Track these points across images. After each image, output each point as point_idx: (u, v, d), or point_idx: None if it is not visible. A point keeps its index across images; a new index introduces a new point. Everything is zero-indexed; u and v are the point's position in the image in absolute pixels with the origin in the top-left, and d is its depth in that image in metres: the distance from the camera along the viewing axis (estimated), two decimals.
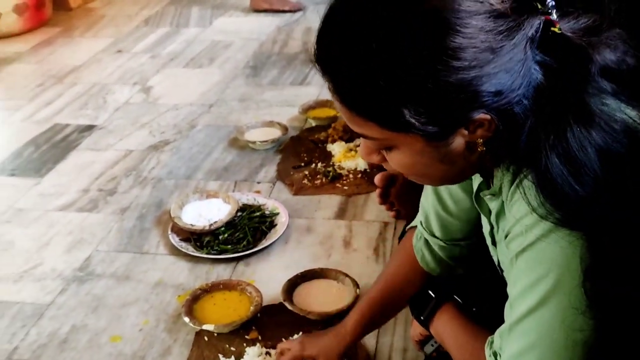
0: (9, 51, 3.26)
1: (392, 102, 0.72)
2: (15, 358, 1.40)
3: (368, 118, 0.76)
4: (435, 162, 0.79)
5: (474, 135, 0.76)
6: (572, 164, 0.71)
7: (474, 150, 0.77)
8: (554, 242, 0.73)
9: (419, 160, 0.79)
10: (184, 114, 2.51)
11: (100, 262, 1.70)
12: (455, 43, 0.69)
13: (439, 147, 0.76)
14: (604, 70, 0.74)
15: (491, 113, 0.73)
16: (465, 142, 0.77)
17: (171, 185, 2.03)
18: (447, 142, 0.76)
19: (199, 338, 1.42)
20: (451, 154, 0.77)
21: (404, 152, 0.78)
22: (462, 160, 0.79)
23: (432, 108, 0.72)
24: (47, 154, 2.27)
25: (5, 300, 1.58)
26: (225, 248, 1.70)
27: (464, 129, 0.75)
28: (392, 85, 0.71)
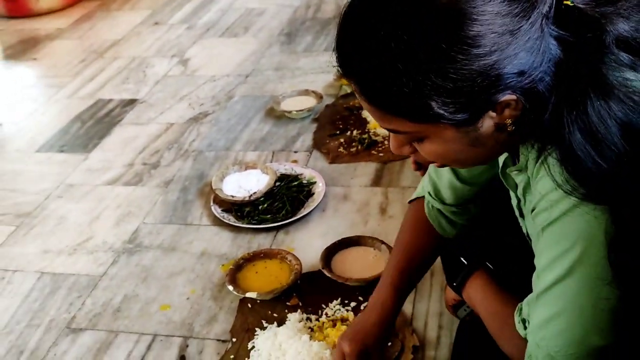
0: (51, 27, 3.35)
1: (419, 97, 0.73)
2: (73, 326, 1.50)
3: (397, 115, 0.77)
4: (467, 146, 0.80)
5: (503, 117, 0.77)
6: (594, 138, 0.73)
7: (503, 130, 0.79)
8: (579, 216, 0.76)
9: (451, 147, 0.80)
10: (221, 85, 2.56)
11: (147, 234, 1.78)
12: (473, 31, 0.71)
13: (469, 132, 0.78)
14: (619, 41, 0.74)
15: (516, 93, 0.74)
16: (495, 123, 0.78)
17: (211, 157, 2.10)
18: (476, 127, 0.77)
19: (242, 305, 1.49)
20: (481, 136, 0.79)
21: (436, 142, 0.80)
22: (493, 141, 0.80)
23: (459, 97, 0.73)
24: (93, 130, 2.35)
25: (62, 272, 1.68)
26: (265, 218, 1.76)
27: (491, 112, 0.76)
28: (416, 80, 0.72)
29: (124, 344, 1.44)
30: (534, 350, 0.84)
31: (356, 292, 1.48)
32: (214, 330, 1.45)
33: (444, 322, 1.39)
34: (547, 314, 0.82)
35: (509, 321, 0.93)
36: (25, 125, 2.47)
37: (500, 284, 1.08)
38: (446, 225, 1.17)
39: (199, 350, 1.40)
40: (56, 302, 1.58)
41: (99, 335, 1.47)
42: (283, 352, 1.32)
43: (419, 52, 0.72)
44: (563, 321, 0.80)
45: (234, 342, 1.40)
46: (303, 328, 1.39)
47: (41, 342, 1.47)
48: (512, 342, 0.93)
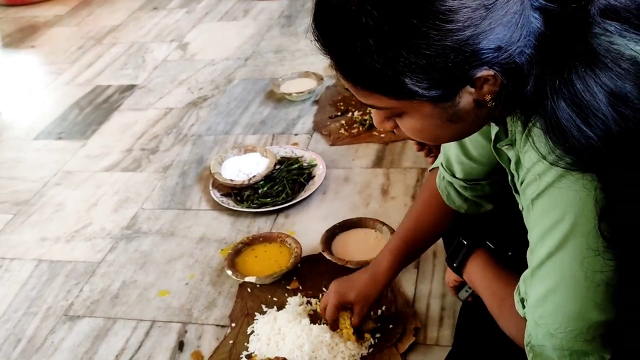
0: (49, 14, 3.32)
1: (392, 73, 0.72)
2: (71, 314, 1.48)
3: (372, 90, 0.76)
4: (446, 122, 0.79)
5: (481, 92, 0.75)
6: (580, 106, 0.71)
7: (483, 106, 0.77)
8: (566, 187, 0.73)
9: (430, 123, 0.79)
10: (220, 69, 2.52)
11: (146, 220, 1.76)
12: (445, 6, 0.68)
13: (447, 107, 0.76)
14: (607, 10, 0.72)
15: (494, 68, 0.72)
16: (473, 99, 0.76)
17: (211, 141, 2.07)
18: (454, 102, 0.76)
19: (242, 290, 1.47)
20: (460, 112, 0.77)
21: (414, 118, 0.79)
22: (473, 116, 0.78)
23: (433, 73, 0.71)
24: (91, 116, 2.33)
25: (60, 260, 1.66)
26: (265, 201, 1.73)
27: (469, 87, 0.74)
28: (388, 57, 0.71)
29: (122, 330, 1.42)
30: (533, 329, 0.81)
31: None
32: (213, 315, 1.42)
33: (446, 303, 1.36)
34: (543, 290, 0.79)
35: (508, 301, 0.91)
36: (23, 112, 2.44)
37: (501, 263, 1.05)
38: (455, 197, 1.13)
39: (198, 335, 1.38)
40: (54, 289, 1.56)
41: (96, 322, 1.45)
42: (283, 336, 1.29)
43: (389, 28, 0.69)
44: (559, 297, 0.77)
45: (233, 327, 1.38)
46: (303, 312, 1.36)
47: (39, 330, 1.45)
48: (511, 321, 0.90)
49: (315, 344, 1.25)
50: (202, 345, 1.35)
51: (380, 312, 1.34)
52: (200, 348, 1.35)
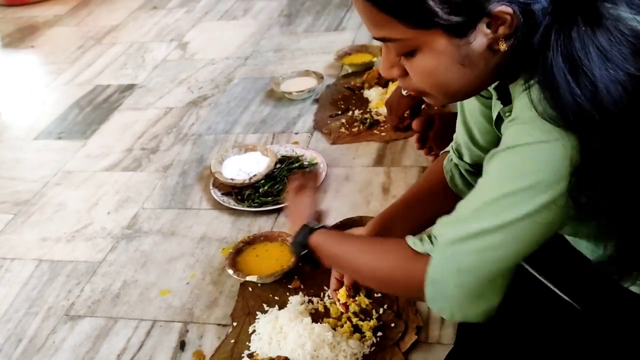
0: (49, 14, 3.32)
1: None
2: (72, 314, 1.48)
3: (392, 14, 0.74)
4: (456, 64, 0.77)
5: (496, 35, 0.74)
6: (573, 63, 0.71)
7: (495, 51, 0.76)
8: (546, 144, 0.73)
9: (442, 62, 0.77)
10: (220, 68, 2.52)
11: (146, 220, 1.76)
12: None
13: (461, 45, 0.75)
14: None
15: (513, 6, 0.72)
16: (488, 40, 0.75)
17: (211, 141, 2.06)
18: (468, 40, 0.75)
19: (243, 289, 1.47)
20: (473, 54, 0.76)
21: (426, 54, 0.77)
22: (483, 62, 0.77)
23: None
24: (91, 116, 2.33)
25: (61, 260, 1.65)
26: (266, 200, 1.73)
27: (486, 27, 0.74)
28: None
29: (123, 330, 1.42)
30: (442, 263, 0.78)
31: None
32: (215, 314, 1.42)
33: None
34: (481, 227, 0.75)
35: (378, 245, 0.90)
36: (23, 112, 2.44)
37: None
38: (459, 180, 1.13)
39: (199, 335, 1.38)
40: (55, 289, 1.56)
41: (97, 321, 1.45)
42: (284, 336, 1.29)
43: None
44: (489, 240, 0.75)
45: (235, 327, 1.37)
46: (305, 311, 1.36)
47: (40, 330, 1.45)
48: (392, 259, 0.86)
49: (317, 343, 1.25)
50: (203, 344, 1.35)
51: (382, 311, 1.34)
52: (202, 347, 1.34)
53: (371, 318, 1.32)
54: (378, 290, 1.11)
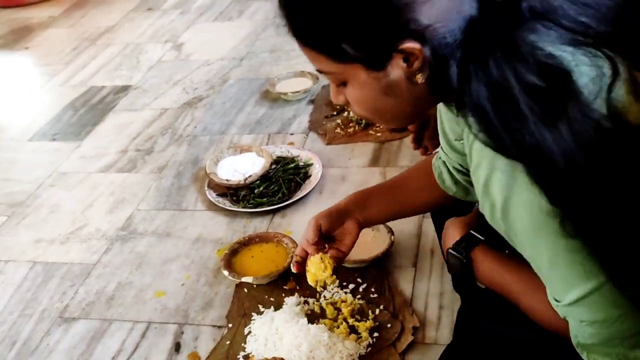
0: (43, 16, 3.31)
1: (330, 32, 0.77)
2: (66, 316, 1.47)
3: (315, 49, 0.80)
4: (381, 94, 0.82)
5: (412, 69, 0.77)
6: (494, 93, 0.71)
7: (414, 83, 0.79)
8: (499, 171, 0.75)
9: (366, 93, 0.82)
10: (215, 69, 2.51)
11: (141, 221, 1.75)
12: None
13: (380, 77, 0.79)
14: (536, 9, 0.73)
15: (421, 42, 0.74)
16: (404, 73, 0.78)
17: (206, 142, 2.06)
18: (386, 73, 0.79)
19: (238, 290, 1.46)
20: (394, 85, 0.80)
21: (354, 86, 0.83)
22: (407, 92, 0.81)
23: (365, 36, 0.76)
24: (86, 117, 2.32)
25: (55, 261, 1.64)
26: (261, 201, 1.72)
27: (401, 61, 0.77)
28: (325, 17, 0.76)
29: (117, 332, 1.41)
30: (578, 330, 0.82)
31: (354, 274, 1.44)
32: (210, 316, 1.41)
33: (444, 302, 1.35)
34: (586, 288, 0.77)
35: (537, 290, 0.89)
36: (18, 114, 2.43)
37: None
38: (446, 177, 1.13)
39: (195, 336, 1.37)
40: (49, 291, 1.55)
41: (92, 324, 1.44)
42: (280, 337, 1.28)
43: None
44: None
45: (230, 328, 1.37)
46: (300, 311, 1.36)
47: (34, 332, 1.44)
48: (542, 305, 0.88)
49: (313, 344, 1.24)
50: (198, 346, 1.34)
51: (379, 311, 1.34)
52: (197, 349, 1.34)
53: (367, 319, 1.32)
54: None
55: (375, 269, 1.45)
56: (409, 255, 1.48)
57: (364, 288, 1.41)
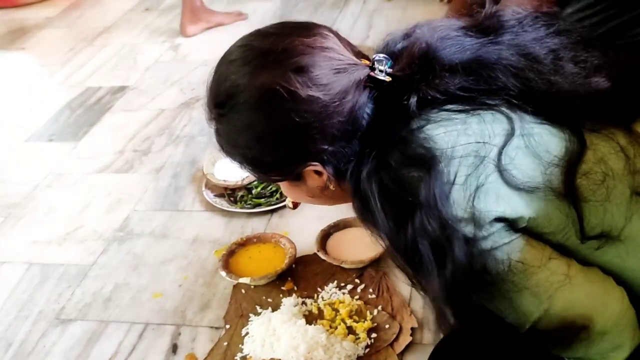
0: (40, 17, 3.30)
1: (250, 164, 0.95)
2: (63, 317, 1.46)
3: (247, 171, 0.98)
4: (305, 195, 0.99)
5: (321, 179, 0.93)
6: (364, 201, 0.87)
7: (327, 188, 0.94)
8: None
9: (295, 193, 1.01)
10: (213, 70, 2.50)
11: (138, 222, 1.74)
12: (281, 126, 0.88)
13: (300, 185, 0.96)
14: (425, 100, 0.85)
15: (322, 163, 0.90)
16: (318, 182, 0.94)
17: (203, 142, 2.05)
18: (304, 182, 0.95)
19: (236, 291, 1.45)
20: (313, 190, 0.96)
21: (283, 187, 1.02)
22: (326, 193, 0.96)
23: (282, 164, 0.93)
24: (82, 118, 2.31)
25: (51, 263, 1.64)
26: (259, 202, 1.71)
27: (313, 174, 0.92)
28: (246, 157, 0.94)
29: (114, 333, 1.40)
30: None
31: (352, 274, 1.44)
32: (207, 317, 1.41)
33: None
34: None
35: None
36: (14, 115, 2.42)
37: None
38: None
39: (192, 338, 1.36)
40: (45, 292, 1.54)
41: (89, 325, 1.43)
42: (278, 338, 1.28)
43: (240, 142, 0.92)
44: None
45: (228, 329, 1.36)
46: (298, 312, 1.35)
47: (30, 334, 1.43)
48: None
49: (310, 345, 1.23)
50: (196, 347, 1.34)
51: (377, 312, 1.33)
52: (195, 350, 1.33)
53: (365, 319, 1.31)
54: None
55: (373, 269, 1.44)
56: None
57: (362, 289, 1.40)
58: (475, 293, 0.84)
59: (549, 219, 0.83)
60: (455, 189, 0.80)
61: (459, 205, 0.79)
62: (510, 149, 0.81)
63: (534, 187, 0.82)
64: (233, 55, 0.93)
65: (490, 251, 0.81)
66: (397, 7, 2.80)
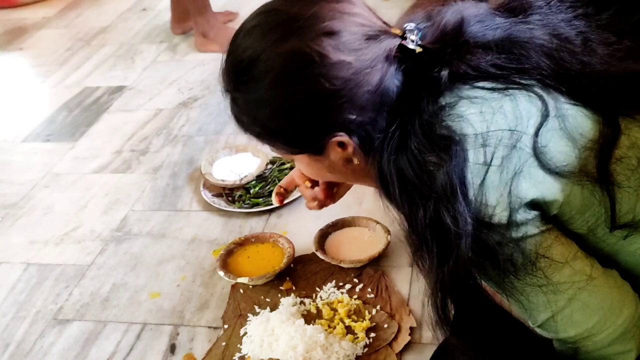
0: (37, 17, 3.29)
1: (269, 135, 0.92)
2: (60, 317, 1.46)
3: (264, 142, 0.95)
4: (325, 171, 0.95)
5: (346, 152, 0.89)
6: (382, 179, 0.86)
7: (350, 162, 0.91)
8: None
9: (312, 169, 0.96)
10: (211, 69, 2.50)
11: (136, 222, 1.73)
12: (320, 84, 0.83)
13: (321, 160, 0.92)
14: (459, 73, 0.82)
15: (349, 134, 0.86)
16: (341, 156, 0.90)
17: (201, 142, 2.04)
18: (326, 156, 0.91)
19: (234, 291, 1.45)
20: (335, 164, 0.92)
21: (300, 163, 0.97)
22: (348, 169, 0.92)
23: (306, 134, 0.89)
24: (80, 118, 2.30)
25: (49, 263, 1.63)
26: (257, 201, 1.71)
27: (337, 147, 0.88)
28: (265, 125, 0.90)
29: (112, 334, 1.40)
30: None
31: (351, 274, 1.43)
32: (205, 317, 1.40)
33: None
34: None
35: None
36: (11, 115, 2.42)
37: None
38: None
39: (190, 338, 1.36)
40: (43, 293, 1.53)
41: (86, 325, 1.42)
42: (276, 337, 1.27)
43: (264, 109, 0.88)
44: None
45: (226, 329, 1.36)
46: (297, 312, 1.34)
47: (27, 335, 1.42)
48: None
49: (309, 345, 1.23)
50: (194, 347, 1.33)
51: (375, 312, 1.33)
52: (193, 350, 1.33)
53: (364, 319, 1.31)
54: None
55: (371, 269, 1.44)
56: (405, 255, 1.47)
57: (360, 288, 1.40)
58: (489, 283, 0.83)
59: (581, 204, 0.81)
60: (491, 170, 0.76)
61: (494, 188, 0.76)
62: (545, 131, 0.79)
63: (569, 171, 0.79)
64: (255, 21, 0.88)
65: (520, 241, 0.79)
66: (395, 6, 2.79)
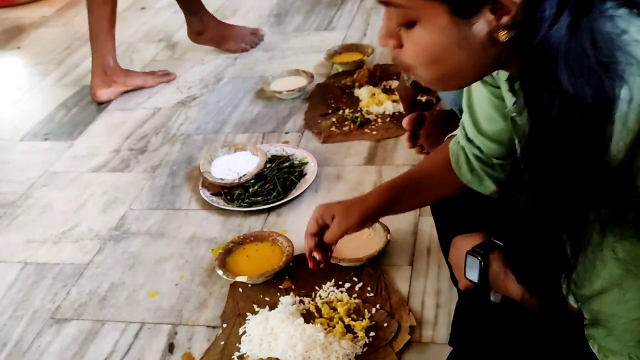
0: (36, 16, 3.28)
1: None
2: (58, 317, 1.45)
3: None
4: (454, 45, 0.75)
5: (499, 23, 0.71)
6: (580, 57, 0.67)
7: (494, 40, 0.73)
8: None
9: (439, 38, 0.75)
10: (209, 68, 2.49)
11: (134, 221, 1.73)
12: None
13: (462, 25, 0.73)
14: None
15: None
16: (489, 27, 0.72)
17: (200, 141, 2.04)
18: (471, 22, 0.72)
19: (233, 290, 1.44)
20: (472, 38, 0.74)
21: (426, 28, 0.75)
22: (480, 50, 0.74)
23: None
24: (78, 117, 2.29)
25: (47, 262, 1.62)
26: (256, 200, 1.70)
27: (490, 12, 0.71)
28: None
29: (110, 333, 1.39)
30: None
31: (350, 272, 1.43)
32: (204, 316, 1.39)
33: (441, 301, 1.33)
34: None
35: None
36: (9, 114, 2.41)
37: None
38: (463, 164, 1.07)
39: (189, 337, 1.35)
40: (40, 292, 1.53)
41: (84, 325, 1.42)
42: (275, 337, 1.27)
43: None
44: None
45: (225, 328, 1.35)
46: (296, 311, 1.34)
47: (25, 334, 1.42)
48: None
49: (308, 344, 1.22)
50: (192, 346, 1.33)
51: (375, 311, 1.32)
52: (191, 350, 1.32)
53: (363, 318, 1.30)
54: None
55: (371, 267, 1.43)
56: (405, 253, 1.47)
57: (360, 287, 1.39)
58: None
59: None
60: None
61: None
62: None
63: None
64: None
65: None
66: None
